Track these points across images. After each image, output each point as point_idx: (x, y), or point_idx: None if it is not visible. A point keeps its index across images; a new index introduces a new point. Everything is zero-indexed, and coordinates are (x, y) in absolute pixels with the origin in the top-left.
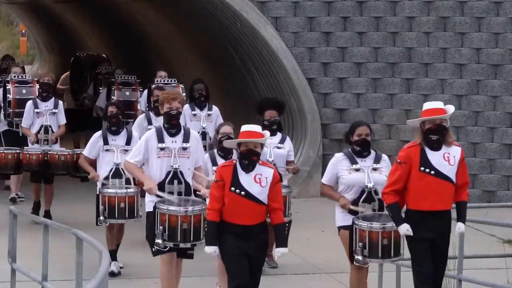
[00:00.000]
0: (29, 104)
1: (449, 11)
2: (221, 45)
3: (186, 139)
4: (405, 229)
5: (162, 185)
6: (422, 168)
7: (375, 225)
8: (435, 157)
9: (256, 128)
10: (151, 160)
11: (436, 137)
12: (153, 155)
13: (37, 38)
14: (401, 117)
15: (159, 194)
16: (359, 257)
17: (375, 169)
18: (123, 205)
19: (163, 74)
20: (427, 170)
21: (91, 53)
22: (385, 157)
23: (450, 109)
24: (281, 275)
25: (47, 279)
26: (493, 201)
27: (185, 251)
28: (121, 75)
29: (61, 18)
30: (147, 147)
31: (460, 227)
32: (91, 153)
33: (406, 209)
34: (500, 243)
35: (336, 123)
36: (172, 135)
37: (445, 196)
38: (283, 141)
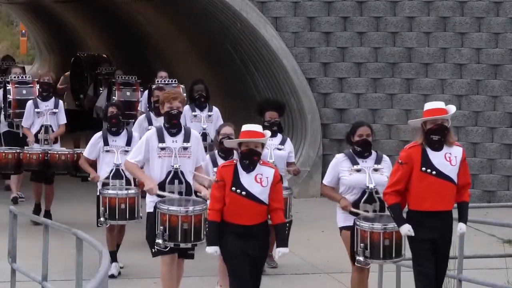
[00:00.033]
0: (29, 103)
1: (449, 11)
2: (221, 45)
3: (186, 138)
4: (407, 229)
5: (162, 185)
6: (423, 168)
7: (376, 226)
8: (436, 157)
9: (256, 127)
10: (151, 160)
11: (437, 137)
12: (153, 155)
13: (37, 38)
14: (401, 117)
15: (160, 193)
16: (361, 258)
17: (376, 169)
18: (123, 206)
19: (163, 74)
20: (429, 170)
21: (91, 54)
22: (386, 157)
23: (451, 109)
24: (281, 275)
25: (47, 279)
26: (493, 201)
27: (186, 251)
28: (121, 76)
29: (61, 18)
30: (147, 147)
31: (461, 227)
32: (91, 154)
33: (407, 209)
34: (500, 243)
35: (336, 123)
36: (172, 134)
37: (447, 196)
38: (283, 143)
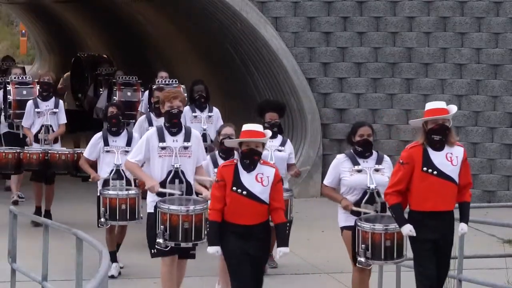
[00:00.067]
0: (30, 103)
1: (449, 11)
2: (221, 45)
3: (187, 138)
4: (408, 229)
5: (163, 185)
6: (424, 168)
7: (377, 227)
8: (437, 157)
9: (257, 127)
10: (152, 159)
11: (438, 137)
12: (154, 155)
13: (37, 38)
14: (401, 117)
15: (162, 190)
16: (362, 259)
17: (377, 170)
18: (124, 206)
19: (164, 74)
20: (430, 170)
21: (92, 54)
22: (387, 158)
23: (452, 109)
24: (281, 275)
25: (47, 279)
26: (493, 201)
27: (188, 251)
28: (122, 76)
29: (61, 18)
30: (148, 146)
31: (463, 227)
32: (92, 154)
33: (408, 210)
34: (500, 243)
35: (336, 123)
36: (173, 134)
37: (448, 196)
38: (283, 144)
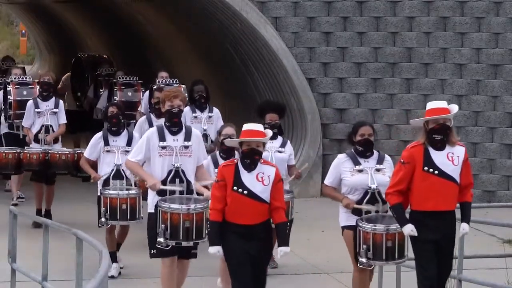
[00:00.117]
0: (30, 103)
1: (449, 11)
2: (221, 45)
3: (187, 137)
4: (410, 229)
5: (163, 184)
6: (425, 168)
7: (379, 227)
8: (438, 157)
9: (258, 127)
10: (152, 158)
11: (439, 136)
12: (154, 154)
13: (37, 38)
14: (401, 117)
15: (163, 188)
16: (363, 259)
17: (378, 169)
18: (125, 206)
19: (164, 74)
20: (431, 170)
21: (92, 54)
22: (388, 157)
23: (454, 108)
24: (281, 275)
25: (47, 279)
26: (493, 201)
27: (189, 250)
28: (122, 76)
29: (61, 18)
30: (148, 145)
31: (464, 227)
32: (92, 154)
33: (410, 210)
34: (500, 243)
35: (336, 123)
36: (173, 133)
37: (449, 196)
38: (284, 145)
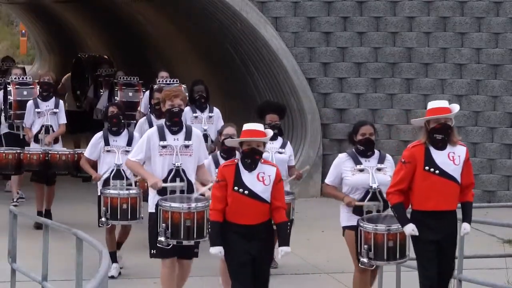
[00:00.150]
0: (30, 103)
1: (449, 11)
2: (221, 45)
3: (188, 136)
4: (411, 229)
5: (164, 183)
6: (426, 167)
7: (380, 227)
8: (439, 157)
9: (258, 126)
10: (153, 157)
11: (441, 136)
12: (155, 153)
13: (37, 38)
14: (401, 117)
15: (165, 185)
16: (365, 260)
17: (379, 169)
18: (125, 206)
19: (164, 74)
20: (432, 169)
21: (92, 55)
22: (389, 157)
23: (455, 108)
24: (281, 275)
25: (47, 279)
26: (493, 201)
27: (191, 249)
28: (123, 76)
29: (61, 18)
30: (148, 145)
31: (465, 227)
32: (93, 154)
33: (411, 209)
34: (500, 243)
35: (336, 123)
36: (174, 132)
37: (450, 196)
38: (284, 146)
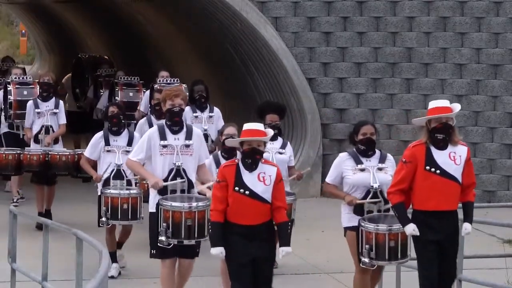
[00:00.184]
0: (30, 104)
1: (449, 11)
2: (221, 45)
3: (188, 136)
4: (411, 228)
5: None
6: (427, 167)
7: (381, 227)
8: (440, 156)
9: (258, 126)
10: (153, 157)
11: (442, 136)
12: (155, 153)
13: (37, 38)
14: (401, 117)
15: (165, 184)
16: (366, 259)
17: (380, 169)
18: (126, 206)
19: (165, 74)
20: (433, 169)
21: (93, 55)
22: (390, 156)
23: (456, 107)
24: (281, 275)
25: (47, 279)
26: (493, 201)
27: (194, 249)
28: (123, 76)
29: (61, 18)
30: (149, 144)
31: (466, 227)
32: (93, 154)
33: (412, 209)
34: (500, 243)
35: (336, 123)
36: (174, 132)
37: (451, 196)
38: (284, 147)
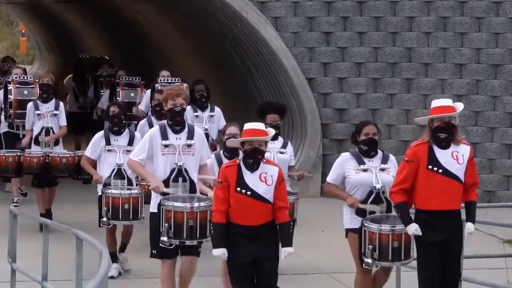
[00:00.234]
0: (30, 106)
1: (449, 11)
2: (221, 45)
3: (190, 136)
4: (414, 228)
5: (166, 183)
6: (430, 166)
7: (384, 228)
8: (443, 156)
9: (259, 126)
10: (155, 157)
11: (444, 135)
12: (157, 152)
13: (37, 38)
14: (401, 117)
15: (166, 191)
16: (369, 260)
17: (383, 169)
18: (127, 206)
19: (165, 73)
20: (435, 168)
21: (93, 55)
22: (392, 157)
23: (459, 106)
24: (281, 275)
25: (47, 279)
26: (493, 201)
27: (196, 248)
28: (124, 76)
29: (61, 18)
30: (151, 144)
31: (469, 227)
32: (93, 154)
33: (414, 210)
34: (500, 243)
35: (336, 123)
36: (176, 132)
37: (453, 195)
38: (285, 146)
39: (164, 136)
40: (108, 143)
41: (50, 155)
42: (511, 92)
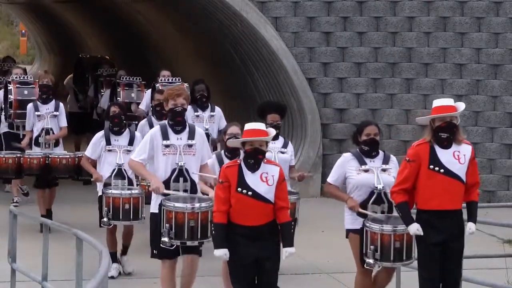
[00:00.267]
0: (30, 107)
1: (449, 11)
2: (221, 45)
3: (191, 136)
4: (415, 228)
5: (167, 183)
6: (431, 166)
7: (386, 228)
8: (444, 155)
9: (260, 126)
10: (156, 157)
11: (446, 135)
12: (158, 153)
13: (37, 38)
14: (401, 117)
15: (166, 192)
16: (370, 260)
17: (384, 170)
18: (127, 206)
19: (166, 73)
20: (437, 168)
21: (94, 55)
22: (393, 157)
23: (460, 106)
24: (281, 275)
25: (47, 279)
26: (493, 201)
27: (197, 247)
28: (125, 76)
29: (61, 18)
30: (152, 144)
31: (471, 227)
32: (94, 153)
33: (416, 210)
34: (500, 243)
35: (336, 123)
36: (177, 132)
37: (455, 195)
38: (286, 146)
39: (165, 136)
40: (108, 143)
41: (50, 156)
42: (511, 92)
